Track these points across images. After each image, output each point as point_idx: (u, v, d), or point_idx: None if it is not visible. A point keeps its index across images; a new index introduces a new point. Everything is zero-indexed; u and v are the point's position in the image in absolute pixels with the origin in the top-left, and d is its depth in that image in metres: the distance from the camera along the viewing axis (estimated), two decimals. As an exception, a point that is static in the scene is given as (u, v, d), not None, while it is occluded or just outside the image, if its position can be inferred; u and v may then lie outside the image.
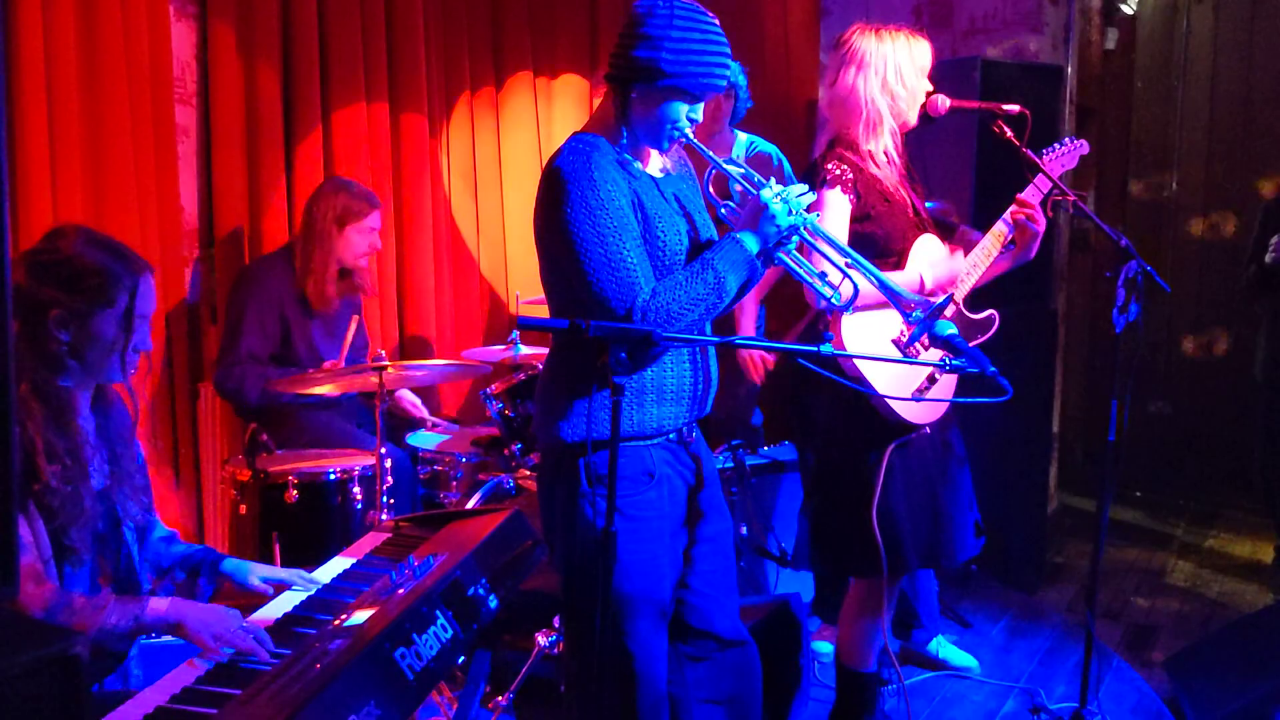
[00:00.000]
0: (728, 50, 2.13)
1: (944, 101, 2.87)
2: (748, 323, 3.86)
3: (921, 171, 3.02)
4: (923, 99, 2.80)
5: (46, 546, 1.90)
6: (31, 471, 1.88)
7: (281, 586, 2.20)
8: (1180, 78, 6.19)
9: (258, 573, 2.20)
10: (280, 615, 2.05)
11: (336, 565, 2.34)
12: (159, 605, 1.90)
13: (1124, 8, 5.95)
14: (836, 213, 2.68)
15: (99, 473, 2.02)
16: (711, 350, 2.31)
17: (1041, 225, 2.83)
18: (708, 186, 2.30)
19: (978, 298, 2.93)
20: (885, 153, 2.76)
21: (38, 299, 1.93)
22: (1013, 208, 2.85)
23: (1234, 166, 6.09)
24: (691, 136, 2.17)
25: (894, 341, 2.75)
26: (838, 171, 2.68)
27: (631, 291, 2.05)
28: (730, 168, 2.22)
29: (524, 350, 3.79)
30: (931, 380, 2.77)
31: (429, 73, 4.49)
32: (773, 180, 2.20)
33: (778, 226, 2.12)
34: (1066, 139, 3.04)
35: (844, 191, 2.68)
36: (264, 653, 1.86)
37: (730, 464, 3.60)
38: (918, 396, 2.73)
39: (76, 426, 1.98)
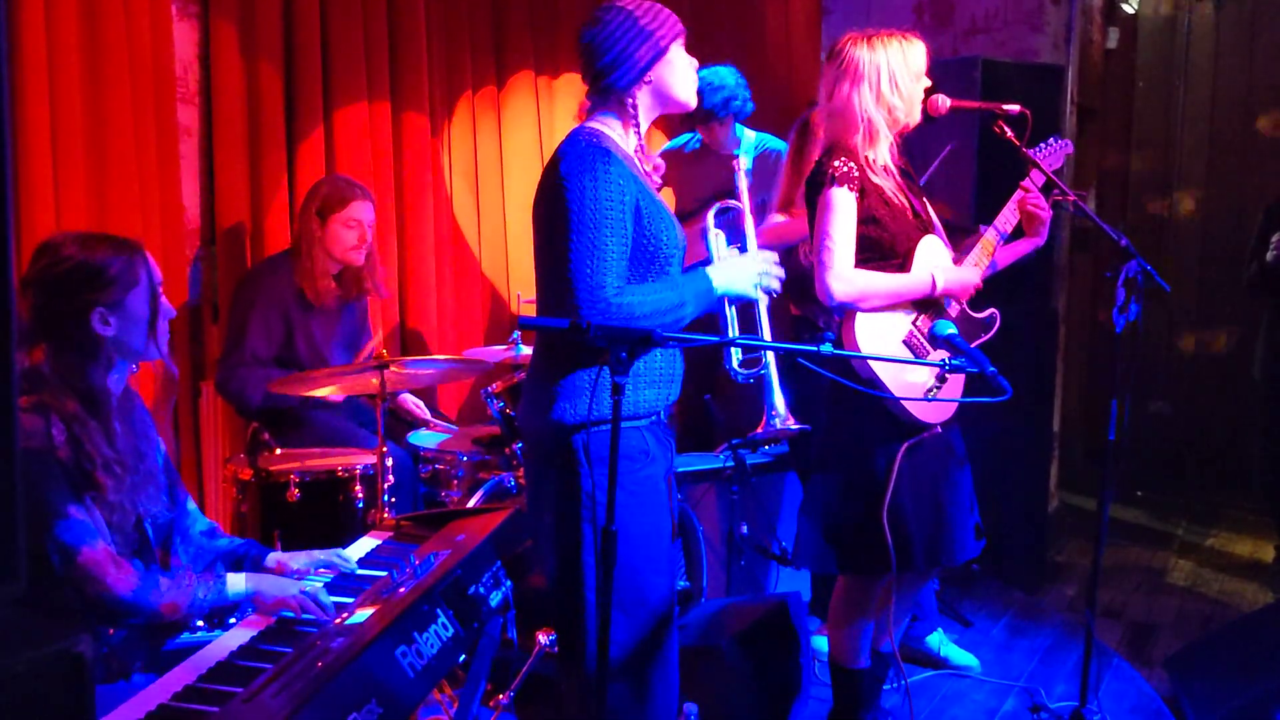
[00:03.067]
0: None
1: (945, 101, 2.88)
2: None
3: (922, 171, 3.03)
4: (921, 100, 2.80)
5: (107, 533, 1.96)
6: (90, 480, 1.95)
7: (322, 570, 2.26)
8: (1181, 77, 6.19)
9: (298, 560, 2.25)
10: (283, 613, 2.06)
11: (338, 564, 2.35)
12: (236, 580, 2.04)
13: (1125, 7, 5.95)
14: (844, 210, 2.69)
15: (128, 470, 2.06)
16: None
17: (1047, 211, 2.92)
18: (707, 217, 2.47)
19: (979, 297, 2.94)
20: (883, 161, 2.77)
21: (74, 306, 2.00)
22: (1018, 194, 2.92)
23: (1235, 165, 6.09)
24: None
25: (904, 342, 2.76)
26: (845, 169, 2.68)
27: (602, 282, 2.14)
28: (714, 235, 2.46)
29: (525, 350, 3.79)
30: (941, 380, 2.78)
31: (431, 72, 4.49)
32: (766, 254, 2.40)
33: (747, 290, 2.34)
34: (1052, 139, 3.07)
35: (850, 190, 2.69)
36: (332, 610, 2.02)
37: (731, 463, 3.61)
38: (928, 396, 2.74)
39: (112, 425, 2.04)
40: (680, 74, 2.33)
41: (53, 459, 1.91)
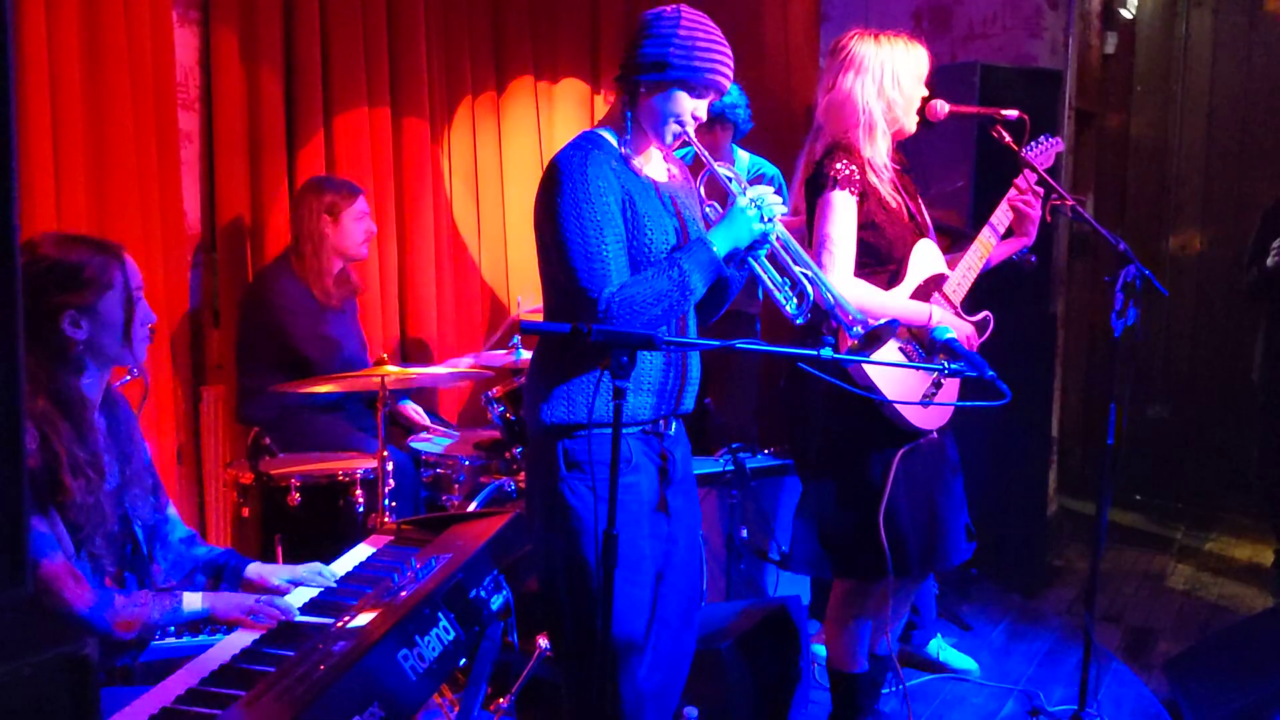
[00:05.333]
0: (729, 54, 2.25)
1: (943, 106, 2.88)
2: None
3: (921, 176, 3.03)
4: (918, 106, 2.81)
5: (70, 545, 1.94)
6: (55, 481, 1.91)
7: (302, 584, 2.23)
8: (1179, 82, 6.21)
9: (280, 574, 2.23)
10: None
11: (339, 568, 2.35)
12: (193, 599, 2.02)
13: (1123, 12, 5.96)
14: (844, 214, 2.68)
15: (111, 474, 2.05)
16: (694, 352, 2.37)
17: (1037, 210, 2.92)
18: (699, 187, 2.38)
19: (975, 300, 2.95)
20: (882, 160, 2.77)
21: (44, 308, 1.97)
22: (1011, 193, 2.93)
23: (1232, 170, 6.10)
24: (692, 134, 2.26)
25: (901, 349, 2.77)
26: (847, 172, 2.68)
27: (603, 283, 2.15)
28: (720, 169, 2.31)
29: (525, 354, 3.80)
30: (937, 385, 2.78)
31: (430, 77, 4.50)
32: (753, 189, 2.27)
33: (749, 232, 2.22)
34: (1043, 136, 3.06)
35: (852, 194, 2.69)
36: (294, 613, 2.03)
37: (730, 467, 3.61)
38: (924, 401, 2.74)
39: (94, 432, 2.02)
40: (667, 115, 2.23)
41: None
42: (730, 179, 2.31)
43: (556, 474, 2.24)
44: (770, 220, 2.23)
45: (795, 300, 2.30)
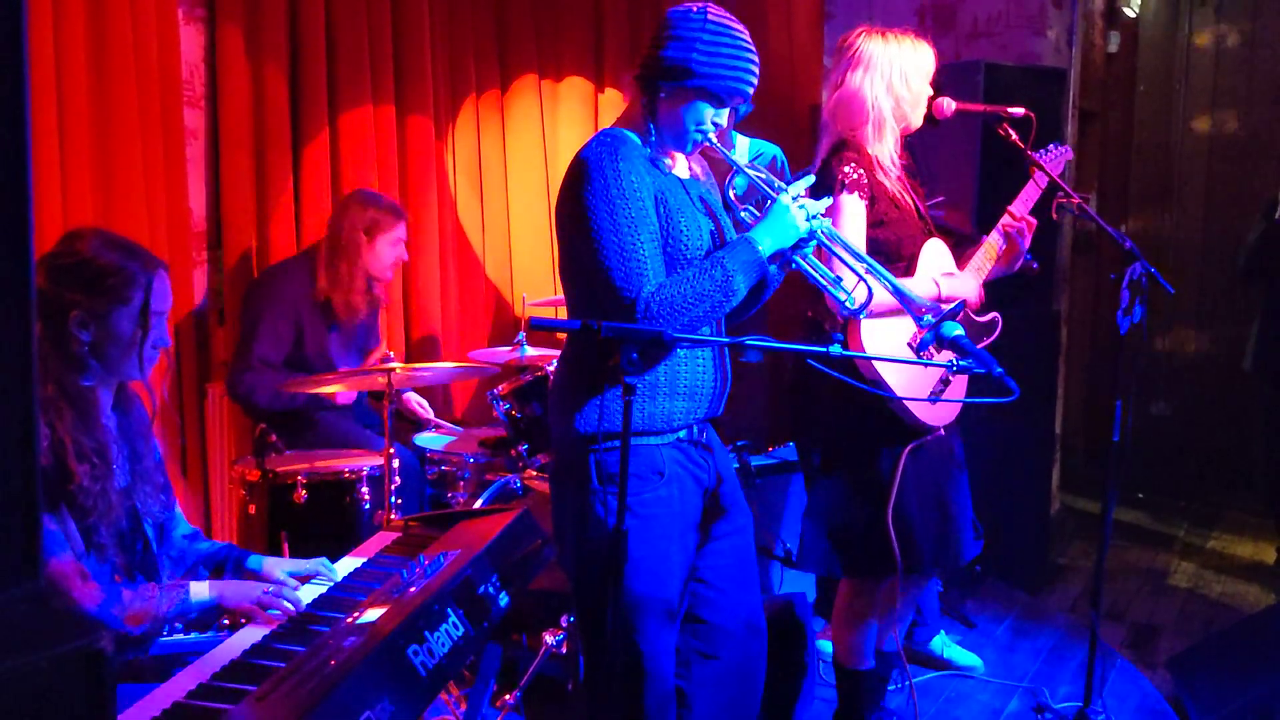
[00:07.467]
0: (756, 59, 2.17)
1: (950, 104, 2.89)
2: None
3: (926, 174, 3.04)
4: (925, 103, 2.81)
5: (79, 542, 1.93)
6: (64, 472, 1.91)
7: (306, 578, 2.23)
8: (1182, 81, 6.21)
9: (283, 566, 2.23)
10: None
11: (347, 564, 2.36)
12: (200, 589, 2.02)
13: (1126, 11, 5.96)
14: (854, 217, 2.69)
15: (121, 471, 2.05)
16: (727, 350, 2.33)
17: (1027, 241, 2.89)
18: (728, 191, 2.32)
19: (983, 302, 2.94)
20: (890, 157, 2.77)
21: (59, 301, 1.97)
22: (1005, 219, 2.90)
23: (1235, 169, 6.10)
24: (715, 140, 2.20)
25: (909, 345, 2.77)
26: (855, 175, 2.68)
27: (639, 281, 2.07)
28: (752, 172, 2.25)
29: (530, 351, 3.80)
30: (944, 382, 2.78)
31: (435, 76, 4.51)
32: (794, 186, 2.23)
33: (795, 231, 2.17)
34: (1052, 145, 3.06)
35: (861, 196, 2.69)
36: (302, 603, 2.03)
37: (736, 464, 3.61)
38: (933, 398, 2.74)
39: (101, 425, 2.02)
40: (689, 124, 2.15)
41: None
42: (766, 179, 2.24)
43: (589, 487, 2.16)
44: (813, 218, 2.18)
45: (854, 297, 2.24)
